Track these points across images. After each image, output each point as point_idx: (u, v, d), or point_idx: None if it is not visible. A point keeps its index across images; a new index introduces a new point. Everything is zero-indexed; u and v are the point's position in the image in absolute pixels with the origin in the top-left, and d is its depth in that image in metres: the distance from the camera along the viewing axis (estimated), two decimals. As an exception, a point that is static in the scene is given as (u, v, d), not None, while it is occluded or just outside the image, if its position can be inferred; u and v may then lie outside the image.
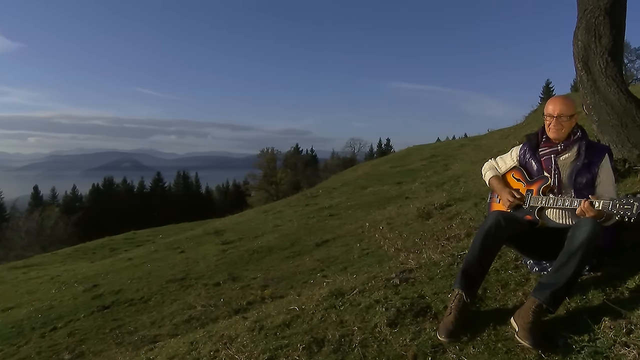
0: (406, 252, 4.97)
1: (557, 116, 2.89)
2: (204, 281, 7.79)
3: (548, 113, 2.95)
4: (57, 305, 8.36)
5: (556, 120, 2.90)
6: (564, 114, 2.88)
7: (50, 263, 17.19)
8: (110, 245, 19.94)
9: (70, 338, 6.38)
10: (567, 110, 2.89)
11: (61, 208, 57.01)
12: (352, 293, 3.41)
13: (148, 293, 7.90)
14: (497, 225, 2.69)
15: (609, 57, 4.53)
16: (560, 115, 2.89)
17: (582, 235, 2.47)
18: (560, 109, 2.90)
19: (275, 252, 8.75)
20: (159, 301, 7.35)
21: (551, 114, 2.92)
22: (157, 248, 13.17)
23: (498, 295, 2.88)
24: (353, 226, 9.09)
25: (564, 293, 2.47)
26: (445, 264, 3.60)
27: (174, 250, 11.98)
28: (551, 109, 2.93)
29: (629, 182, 4.21)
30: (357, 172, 23.53)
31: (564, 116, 2.88)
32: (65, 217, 46.40)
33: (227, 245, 10.58)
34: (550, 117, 2.93)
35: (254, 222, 13.78)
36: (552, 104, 2.97)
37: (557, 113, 2.90)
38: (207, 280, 7.77)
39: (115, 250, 18.14)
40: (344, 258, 6.71)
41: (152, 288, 8.18)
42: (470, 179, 9.33)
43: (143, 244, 17.11)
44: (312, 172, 62.90)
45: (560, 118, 2.89)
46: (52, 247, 30.20)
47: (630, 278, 2.65)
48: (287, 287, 6.03)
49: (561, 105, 2.91)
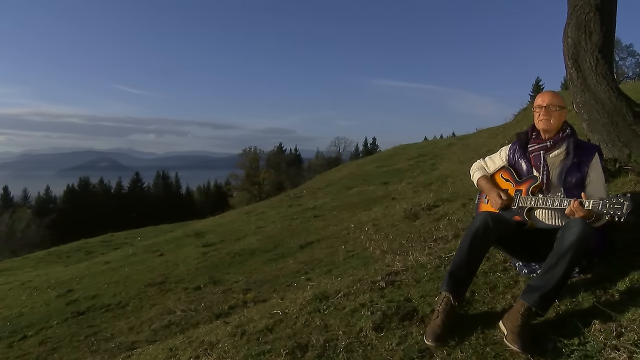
0: (392, 254, 4.96)
1: (546, 106, 2.96)
2: (184, 285, 7.74)
3: (537, 104, 3.02)
4: (27, 313, 8.21)
5: (545, 110, 2.96)
6: (553, 104, 2.95)
7: (21, 268, 16.87)
8: (86, 248, 19.66)
9: (42, 347, 6.25)
10: (556, 101, 2.97)
11: (33, 210, 56.10)
12: (337, 296, 3.40)
13: (126, 298, 7.81)
14: (485, 227, 2.70)
15: (599, 54, 4.55)
16: (549, 105, 2.95)
17: (572, 236, 2.49)
18: (550, 100, 2.98)
19: (257, 255, 8.73)
20: (137, 306, 7.28)
21: (540, 104, 3.00)
22: (136, 251, 13.05)
23: (486, 298, 2.89)
24: (338, 227, 9.09)
25: (553, 296, 2.48)
26: (432, 266, 3.61)
27: (153, 253, 11.89)
28: (540, 100, 3.02)
29: (619, 181, 4.25)
30: (342, 172, 23.55)
31: (552, 106, 2.95)
32: (38, 219, 45.63)
33: (208, 248, 10.54)
34: (539, 107, 3.00)
35: (235, 224, 13.74)
36: (541, 96, 3.06)
37: (546, 103, 2.96)
38: (187, 284, 7.73)
39: (91, 253, 17.92)
40: (328, 260, 6.71)
41: (129, 292, 8.10)
42: (458, 179, 9.39)
43: (121, 247, 16.94)
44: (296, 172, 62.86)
45: (549, 108, 2.95)
46: (23, 251, 29.66)
47: (621, 280, 2.67)
48: (270, 290, 6.01)
49: (550, 97, 3.00)
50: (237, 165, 61.23)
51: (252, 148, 61.29)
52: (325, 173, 29.64)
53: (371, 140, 77.99)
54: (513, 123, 14.28)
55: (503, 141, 9.77)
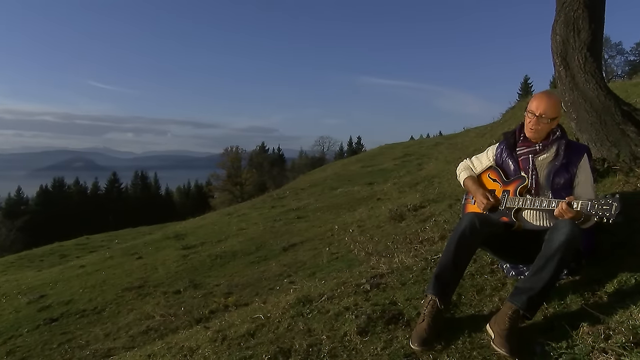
0: (377, 256, 4.98)
1: (539, 115, 2.87)
2: (163, 289, 7.70)
3: (531, 109, 2.91)
4: (-6, 321, 8.02)
5: (537, 119, 2.88)
6: (547, 115, 2.86)
7: (-11, 273, 16.53)
8: (60, 251, 19.33)
9: (10, 357, 6.12)
10: (551, 112, 2.86)
11: (4, 212, 55.02)
12: (321, 300, 3.39)
13: (102, 303, 7.72)
14: (471, 228, 2.71)
15: (587, 52, 4.58)
16: (543, 115, 2.86)
17: (560, 237, 2.50)
18: (545, 109, 2.86)
19: (239, 257, 8.72)
20: (113, 311, 7.20)
21: (533, 111, 2.89)
22: (113, 254, 12.90)
23: (473, 301, 2.90)
24: (322, 229, 9.10)
25: (541, 298, 2.49)
26: (418, 268, 3.62)
27: (131, 256, 11.79)
28: (534, 106, 2.90)
29: (608, 182, 4.28)
30: (327, 172, 23.57)
31: (546, 117, 2.86)
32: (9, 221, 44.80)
33: (188, 250, 10.50)
34: (532, 114, 2.90)
35: (217, 225, 13.70)
36: (537, 100, 2.91)
37: (540, 112, 2.86)
38: (166, 288, 7.69)
39: (66, 257, 17.63)
40: (312, 263, 6.71)
41: (106, 297, 8.01)
42: (445, 179, 9.44)
43: (97, 250, 16.75)
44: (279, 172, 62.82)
45: (541, 118, 2.87)
46: (-8, 255, 29.08)
47: (609, 282, 2.70)
48: (252, 294, 6.00)
49: (546, 105, 2.87)
50: (218, 165, 60.99)
51: (234, 147, 61.15)
52: (309, 173, 29.64)
53: (356, 140, 78.32)
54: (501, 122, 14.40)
55: (491, 140, 9.85)
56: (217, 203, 51.81)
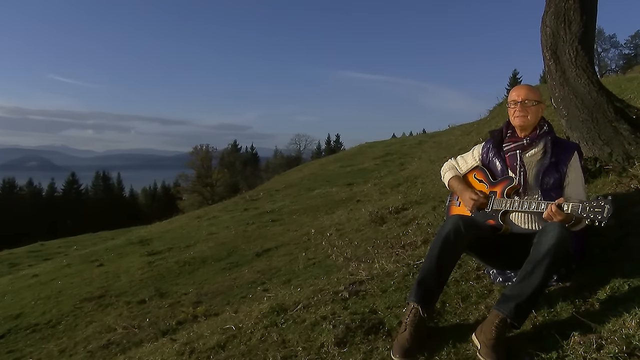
0: (357, 261, 4.99)
1: (522, 101, 2.98)
2: (126, 298, 7.62)
3: (512, 99, 3.04)
4: None
5: (521, 105, 2.98)
6: (529, 98, 2.98)
7: None
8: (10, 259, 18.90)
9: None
10: (532, 95, 2.99)
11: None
12: (296, 309, 3.39)
13: (57, 316, 7.58)
14: (456, 231, 2.71)
15: (579, 45, 4.63)
16: (525, 100, 2.98)
17: (549, 241, 2.51)
18: (525, 94, 2.99)
19: (209, 264, 8.69)
20: (70, 325, 7.07)
21: (515, 99, 3.01)
22: (70, 261, 12.79)
23: (458, 309, 2.91)
24: (298, 233, 9.11)
25: (529, 306, 2.50)
26: (399, 274, 3.62)
27: (91, 263, 11.69)
28: (515, 95, 3.03)
29: (599, 182, 4.33)
30: (303, 172, 23.56)
31: (528, 101, 2.97)
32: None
33: (154, 257, 10.46)
34: (515, 103, 3.01)
35: (185, 230, 13.67)
36: (515, 90, 3.07)
37: (522, 98, 2.98)
38: (130, 298, 7.62)
39: (17, 265, 17.30)
40: (287, 269, 6.71)
41: (62, 309, 7.87)
42: (429, 179, 9.52)
43: (53, 257, 16.54)
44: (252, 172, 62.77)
45: (525, 103, 2.97)
46: None
47: (601, 288, 2.72)
48: (223, 303, 5.98)
49: (526, 91, 3.01)
50: (187, 165, 60.68)
51: (204, 146, 60.90)
52: (285, 173, 29.62)
53: (334, 138, 78.71)
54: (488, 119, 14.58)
55: (477, 139, 9.96)
56: (185, 205, 51.65)
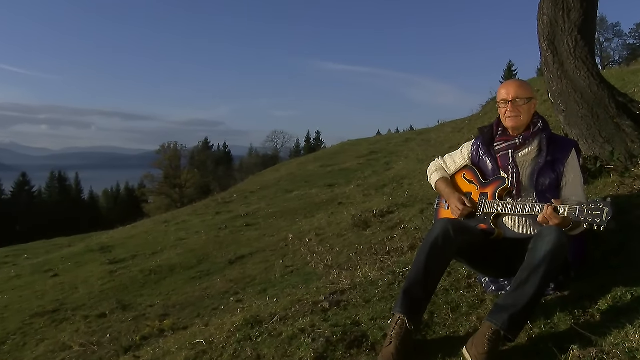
0: (338, 269, 5.01)
1: (512, 100, 2.97)
2: (84, 312, 7.56)
3: (501, 98, 3.03)
4: None
5: (512, 105, 2.97)
6: (520, 96, 2.97)
7: None
8: (-51, 271, 18.53)
9: None
10: (523, 92, 2.98)
11: None
12: (272, 321, 3.38)
13: (2, 334, 7.47)
14: (445, 236, 2.72)
15: (578, 34, 4.63)
16: (516, 98, 2.97)
17: (546, 246, 2.52)
18: (515, 92, 2.98)
19: (177, 273, 8.69)
20: (18, 344, 6.98)
21: (505, 98, 3.00)
22: (20, 272, 12.66)
23: (447, 321, 2.92)
24: (274, 238, 9.14)
25: (524, 317, 2.51)
26: (384, 283, 3.64)
27: (44, 273, 11.58)
28: (504, 93, 3.01)
29: (600, 183, 4.35)
30: (280, 172, 23.58)
31: (520, 99, 2.97)
32: None
33: (117, 265, 10.44)
34: (505, 102, 3.00)
35: (151, 235, 13.65)
36: (504, 87, 3.04)
37: (512, 96, 2.97)
38: (88, 311, 7.56)
39: (-44, 277, 16.93)
40: (262, 278, 6.73)
41: (8, 326, 7.76)
42: (416, 180, 9.60)
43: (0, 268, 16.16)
44: (225, 172, 62.50)
45: (515, 102, 2.97)
46: None
47: (602, 298, 2.73)
48: (193, 315, 5.98)
49: (515, 88, 3.00)
50: (153, 165, 60.18)
51: (172, 143, 60.44)
52: (260, 174, 29.61)
53: (314, 135, 78.64)
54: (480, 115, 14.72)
55: (469, 136, 10.07)
56: (151, 209, 51.29)
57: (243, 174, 49.85)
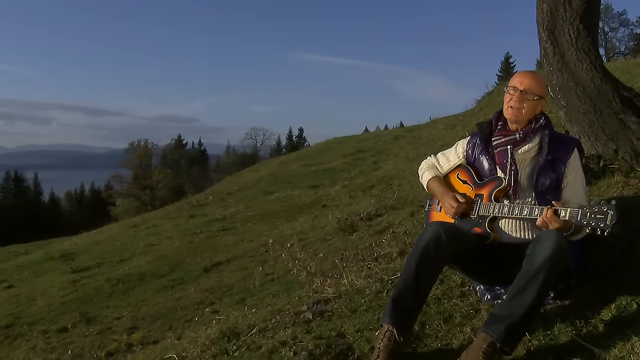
0: (322, 277, 5.01)
1: (523, 91, 2.95)
2: (42, 327, 7.51)
3: (512, 84, 2.99)
4: None
5: (520, 95, 2.95)
6: (532, 90, 2.95)
7: None
8: None
9: None
10: (537, 88, 2.97)
11: None
12: (251, 333, 3.37)
13: (-55, 354, 7.37)
14: (436, 241, 2.72)
15: (580, 24, 4.63)
16: (527, 90, 2.94)
17: (545, 252, 2.53)
18: (529, 84, 2.96)
19: (148, 281, 8.70)
20: (-38, 365, 6.90)
21: (516, 85, 2.97)
22: None
23: (440, 332, 2.93)
24: (253, 244, 9.17)
25: (522, 327, 2.52)
26: (371, 291, 3.64)
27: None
28: (517, 81, 2.99)
29: (603, 184, 4.37)
30: (260, 172, 23.52)
31: (530, 93, 2.94)
32: None
33: (80, 274, 10.39)
34: (514, 89, 2.98)
35: (119, 241, 13.61)
36: (520, 75, 3.03)
37: (524, 87, 2.95)
38: (47, 326, 7.52)
39: None
40: (240, 286, 6.74)
41: (-48, 346, 7.65)
42: (406, 181, 9.64)
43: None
44: (200, 172, 62.34)
45: (525, 94, 2.94)
46: None
47: (606, 307, 2.74)
48: (164, 328, 5.98)
49: (530, 80, 2.98)
50: (121, 164, 59.83)
51: (142, 141, 60.21)
52: (238, 174, 29.53)
53: (297, 132, 78.65)
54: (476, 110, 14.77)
55: (463, 133, 10.11)
56: (119, 212, 51.27)
57: (219, 174, 49.75)
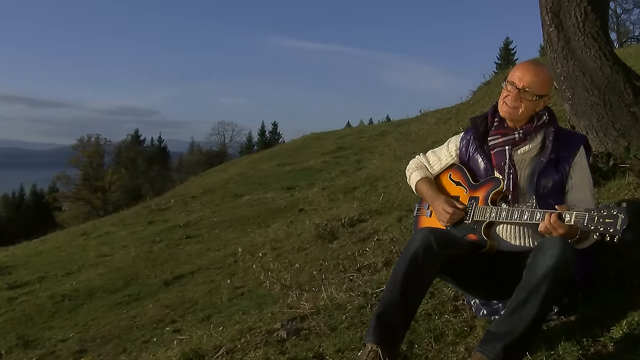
0: (298, 290, 5.03)
1: (522, 88, 2.90)
2: (-31, 354, 7.42)
3: (511, 79, 2.95)
4: None
5: (517, 93, 2.91)
6: (533, 89, 2.90)
7: None
8: None
9: None
10: (539, 87, 2.91)
11: None
12: (217, 355, 3.37)
13: None
14: (426, 249, 2.72)
15: (588, 5, 4.64)
16: (527, 88, 2.90)
17: (547, 262, 2.54)
18: (530, 82, 2.90)
19: (99, 297, 8.64)
20: None
21: (514, 81, 2.93)
22: None
23: (430, 351, 2.93)
24: (221, 253, 9.17)
25: (522, 347, 2.52)
26: (353, 306, 3.65)
27: None
28: (517, 76, 2.94)
29: (613, 185, 4.36)
30: (228, 172, 23.48)
31: (530, 92, 2.90)
32: None
33: (18, 290, 10.30)
34: (512, 85, 2.94)
35: (65, 251, 13.49)
36: (521, 70, 2.95)
37: (524, 84, 2.90)
38: None
39: None
40: (206, 302, 6.73)
41: None
42: (394, 182, 9.65)
43: None
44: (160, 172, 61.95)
45: (524, 92, 2.90)
46: None
47: (616, 324, 2.71)
48: (117, 351, 5.94)
49: (531, 77, 2.91)
50: (68, 162, 59.17)
51: (93, 137, 59.73)
52: (204, 174, 29.45)
53: (270, 127, 78.46)
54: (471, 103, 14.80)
55: (457, 128, 10.14)
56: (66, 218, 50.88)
57: (182, 175, 49.56)
